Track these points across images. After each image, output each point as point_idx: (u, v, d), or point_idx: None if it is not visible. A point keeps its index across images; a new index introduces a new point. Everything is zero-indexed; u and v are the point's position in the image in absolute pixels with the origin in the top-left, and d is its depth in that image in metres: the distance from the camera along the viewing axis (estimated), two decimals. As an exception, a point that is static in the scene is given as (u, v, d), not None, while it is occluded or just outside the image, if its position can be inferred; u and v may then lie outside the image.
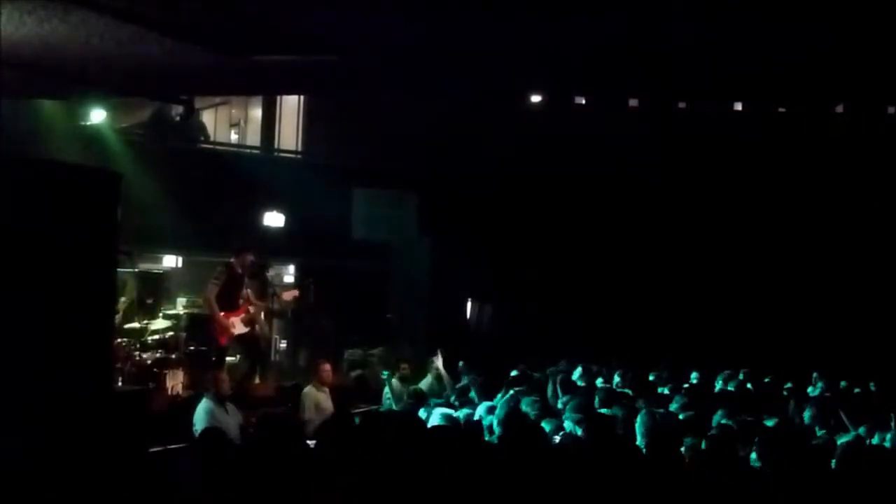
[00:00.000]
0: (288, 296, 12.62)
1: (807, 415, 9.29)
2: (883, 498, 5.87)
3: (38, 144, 12.40)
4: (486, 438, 7.65)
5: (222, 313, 11.07)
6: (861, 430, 8.58)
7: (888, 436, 8.17)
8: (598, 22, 7.65)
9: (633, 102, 16.08)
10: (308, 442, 6.78)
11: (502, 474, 5.73)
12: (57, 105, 13.55)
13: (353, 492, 4.91)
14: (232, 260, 11.32)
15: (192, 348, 11.62)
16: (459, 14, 7.51)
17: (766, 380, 12.73)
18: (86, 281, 7.46)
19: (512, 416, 7.88)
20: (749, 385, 12.44)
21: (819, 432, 8.57)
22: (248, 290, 11.77)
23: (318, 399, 10.41)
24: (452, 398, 10.28)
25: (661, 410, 9.11)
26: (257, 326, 11.88)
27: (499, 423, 7.72)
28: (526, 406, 8.79)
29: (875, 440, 8.24)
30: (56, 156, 11.42)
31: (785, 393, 11.68)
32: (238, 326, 11.23)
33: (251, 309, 11.49)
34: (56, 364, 7.12)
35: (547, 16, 7.49)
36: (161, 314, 12.51)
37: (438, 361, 11.32)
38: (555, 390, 10.46)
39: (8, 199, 7.01)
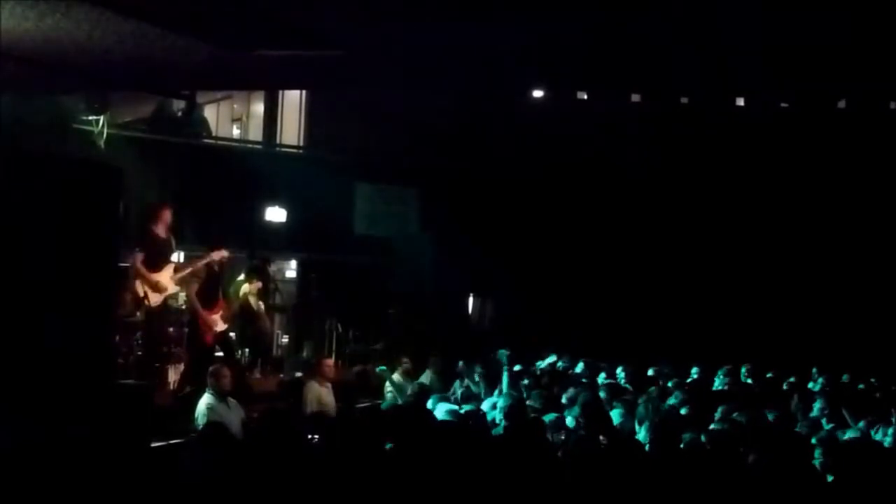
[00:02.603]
0: (217, 255, 12.03)
1: (815, 408, 9.29)
2: (884, 496, 5.87)
3: (40, 140, 12.38)
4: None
5: (206, 311, 11.01)
6: (861, 424, 8.58)
7: (890, 431, 8.16)
8: (599, 18, 7.65)
9: (634, 98, 16.09)
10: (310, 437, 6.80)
11: (507, 467, 5.74)
12: (58, 100, 13.54)
13: (357, 486, 4.91)
14: (208, 259, 11.27)
15: (194, 344, 11.60)
16: (462, 11, 7.51)
17: (768, 375, 12.73)
18: (87, 277, 7.46)
19: (516, 409, 7.90)
20: (750, 381, 12.45)
21: (826, 426, 8.57)
22: (254, 285, 11.85)
23: (320, 394, 10.40)
24: (457, 393, 10.29)
25: (665, 406, 9.15)
26: (263, 323, 11.91)
27: (503, 416, 7.75)
28: (532, 400, 8.83)
29: (878, 436, 8.24)
30: (57, 151, 11.42)
31: (786, 387, 11.68)
32: (219, 324, 11.16)
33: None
34: (58, 359, 7.12)
35: (547, 13, 7.49)
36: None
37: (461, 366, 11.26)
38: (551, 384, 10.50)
39: (9, 194, 7.01)
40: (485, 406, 8.78)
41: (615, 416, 8.44)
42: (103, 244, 7.79)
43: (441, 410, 8.17)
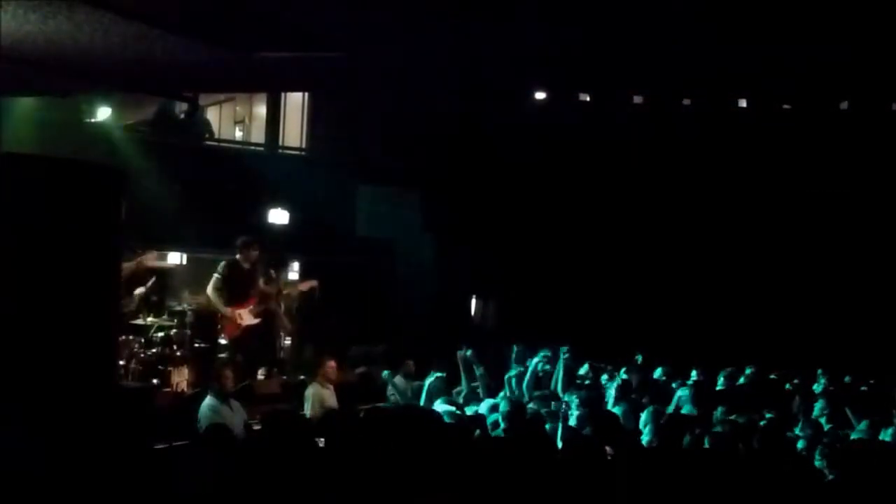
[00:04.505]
0: (304, 286, 12.59)
1: (816, 409, 9.30)
2: (885, 496, 5.87)
3: (42, 141, 12.40)
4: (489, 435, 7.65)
5: (229, 307, 11.11)
6: (864, 425, 8.57)
7: (889, 431, 8.16)
8: (599, 20, 7.65)
9: (636, 100, 16.09)
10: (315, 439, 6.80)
11: (507, 468, 5.74)
12: (61, 102, 13.55)
13: (359, 486, 4.92)
14: (237, 256, 11.33)
15: (197, 345, 11.64)
16: (462, 13, 7.51)
17: (772, 377, 12.72)
18: (90, 278, 7.47)
19: (516, 411, 7.91)
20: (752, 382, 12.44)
21: (826, 427, 8.57)
22: (277, 278, 11.93)
23: (322, 396, 10.40)
24: (463, 395, 10.29)
25: (668, 407, 9.17)
26: (276, 321, 11.97)
27: (503, 418, 7.75)
28: (534, 402, 8.84)
29: (882, 436, 8.23)
30: (61, 153, 11.44)
31: (789, 387, 11.66)
32: (247, 318, 11.25)
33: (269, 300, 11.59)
34: (60, 361, 7.13)
35: (546, 16, 7.50)
36: (166, 311, 12.54)
37: (461, 355, 11.25)
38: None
39: (13, 195, 7.02)
40: (483, 408, 8.77)
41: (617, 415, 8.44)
42: (106, 246, 7.81)
43: (441, 411, 8.18)
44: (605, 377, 11.83)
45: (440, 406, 8.99)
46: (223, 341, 11.67)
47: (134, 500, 6.05)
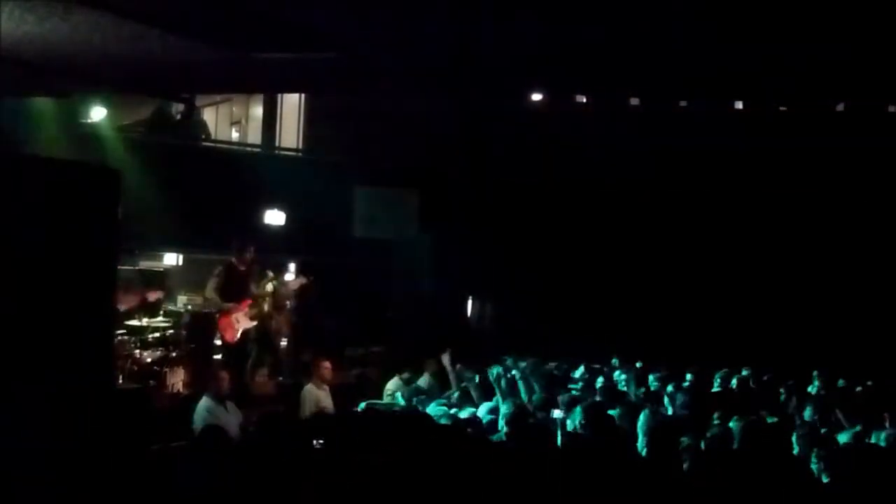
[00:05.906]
0: (296, 284, 12.61)
1: (807, 413, 9.30)
2: (881, 497, 5.88)
3: (39, 142, 12.37)
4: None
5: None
6: (857, 428, 8.57)
7: (882, 435, 8.16)
8: (599, 21, 7.65)
9: (633, 102, 16.09)
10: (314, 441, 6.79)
11: (507, 472, 5.73)
12: (57, 103, 13.52)
13: (356, 488, 4.91)
14: (233, 259, 11.33)
15: (192, 346, 11.63)
16: (461, 12, 7.51)
17: (765, 378, 12.71)
18: (86, 279, 7.45)
19: (518, 414, 7.89)
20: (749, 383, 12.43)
21: (821, 430, 8.57)
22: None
23: (318, 397, 10.40)
24: (455, 396, 10.26)
25: (663, 410, 9.15)
26: (273, 322, 11.97)
27: (506, 422, 7.72)
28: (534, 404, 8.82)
29: (873, 439, 8.23)
30: (56, 154, 11.42)
31: (782, 391, 11.65)
32: (243, 321, 11.25)
33: (264, 304, 11.60)
34: (56, 362, 7.11)
35: (547, 17, 7.50)
36: (162, 312, 12.52)
37: (446, 360, 11.27)
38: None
39: (9, 197, 7.00)
40: (480, 411, 8.75)
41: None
42: (102, 247, 7.79)
43: (435, 413, 8.16)
44: (600, 379, 11.82)
45: (434, 409, 8.98)
46: (219, 342, 11.65)
47: (130, 501, 6.03)
